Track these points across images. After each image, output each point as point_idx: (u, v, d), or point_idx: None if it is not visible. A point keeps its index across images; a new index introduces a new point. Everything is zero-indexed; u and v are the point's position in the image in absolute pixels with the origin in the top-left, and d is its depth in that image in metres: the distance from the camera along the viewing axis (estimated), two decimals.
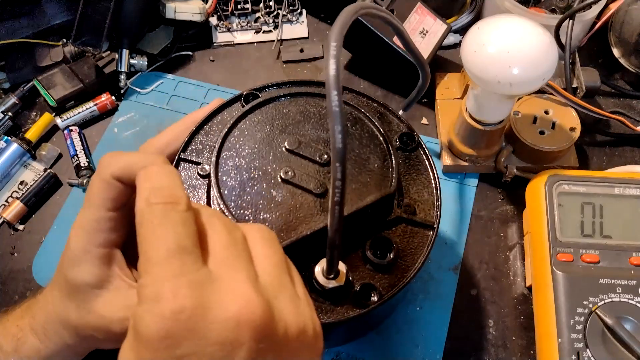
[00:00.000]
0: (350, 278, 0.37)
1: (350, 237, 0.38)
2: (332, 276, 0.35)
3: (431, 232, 0.39)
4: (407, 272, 0.37)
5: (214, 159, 0.39)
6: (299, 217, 0.37)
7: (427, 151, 0.42)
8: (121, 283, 0.34)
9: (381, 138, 0.40)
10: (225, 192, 0.38)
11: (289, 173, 0.38)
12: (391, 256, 0.38)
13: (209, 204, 0.40)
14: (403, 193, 0.41)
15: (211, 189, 0.38)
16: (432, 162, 0.42)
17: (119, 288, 0.34)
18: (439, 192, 0.40)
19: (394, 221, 0.39)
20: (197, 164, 0.42)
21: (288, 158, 0.39)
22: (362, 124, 0.41)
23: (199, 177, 0.41)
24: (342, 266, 0.36)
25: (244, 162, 0.39)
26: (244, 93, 0.45)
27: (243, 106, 0.42)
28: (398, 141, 0.43)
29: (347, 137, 0.28)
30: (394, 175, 0.38)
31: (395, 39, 0.55)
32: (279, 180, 0.38)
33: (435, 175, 0.41)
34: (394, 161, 0.39)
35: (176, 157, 0.42)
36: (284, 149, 0.39)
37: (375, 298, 0.36)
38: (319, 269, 0.35)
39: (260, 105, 0.42)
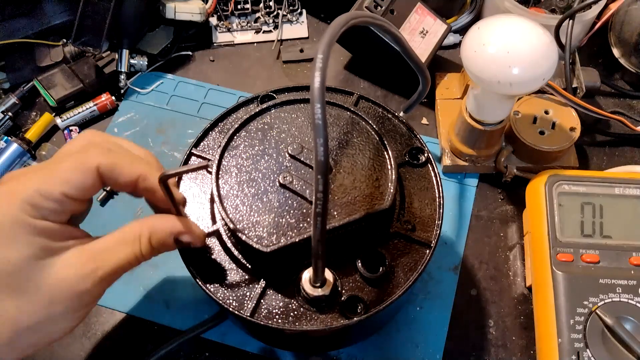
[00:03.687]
0: (339, 288, 0.37)
1: (344, 247, 0.38)
2: (318, 284, 0.35)
3: (428, 251, 0.39)
4: (398, 287, 0.37)
5: (217, 156, 0.39)
6: (291, 223, 0.37)
7: (436, 169, 0.42)
8: (72, 243, 0.32)
9: (385, 151, 0.40)
10: (224, 191, 0.38)
11: (288, 178, 0.38)
12: (382, 271, 0.37)
13: (212, 200, 0.40)
14: (405, 208, 0.41)
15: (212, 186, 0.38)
16: (439, 180, 0.41)
17: (72, 246, 0.32)
18: (441, 211, 0.40)
19: (391, 235, 0.39)
20: (207, 160, 0.43)
21: (289, 163, 0.39)
22: (367, 135, 0.41)
23: (206, 172, 0.42)
24: (329, 275, 0.36)
25: (246, 163, 0.39)
26: (261, 94, 0.45)
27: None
28: (407, 155, 0.43)
29: (328, 150, 0.28)
30: (390, 191, 0.38)
31: None
32: (277, 184, 0.38)
33: (441, 193, 0.41)
34: (393, 177, 0.38)
35: (187, 152, 0.43)
36: (286, 154, 0.39)
37: (361, 311, 0.36)
38: (307, 276, 0.35)
39: (270, 108, 0.42)
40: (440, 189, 0.41)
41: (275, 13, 0.64)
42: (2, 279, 0.30)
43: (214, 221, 0.40)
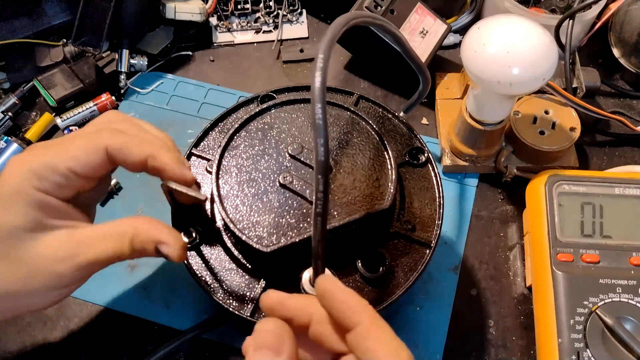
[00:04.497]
0: None
1: (344, 247, 0.38)
2: None
3: (428, 251, 0.39)
4: (398, 287, 0.37)
5: (217, 156, 0.39)
6: (291, 223, 0.37)
7: (436, 169, 0.42)
8: (65, 223, 0.33)
9: (385, 151, 0.40)
10: (224, 191, 0.38)
11: (288, 178, 0.38)
12: (382, 271, 0.37)
13: (212, 200, 0.40)
14: (405, 208, 0.41)
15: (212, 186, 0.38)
16: (439, 180, 0.41)
17: (63, 227, 0.33)
18: (441, 211, 0.40)
19: (391, 235, 0.39)
20: (207, 159, 0.43)
21: (290, 163, 0.39)
22: (367, 135, 0.41)
23: (206, 172, 0.42)
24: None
25: (246, 163, 0.39)
26: (261, 94, 0.45)
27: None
28: (407, 155, 0.43)
29: (329, 150, 0.28)
30: (390, 191, 0.38)
31: None
32: (277, 184, 0.38)
33: (441, 193, 0.41)
34: (393, 177, 0.39)
35: (187, 151, 0.43)
36: (287, 154, 0.39)
37: None
38: (307, 276, 0.35)
39: (270, 108, 0.42)
40: (440, 189, 0.41)
41: (275, 13, 0.64)
42: None
43: (214, 221, 0.40)
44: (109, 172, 0.35)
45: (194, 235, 0.39)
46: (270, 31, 0.64)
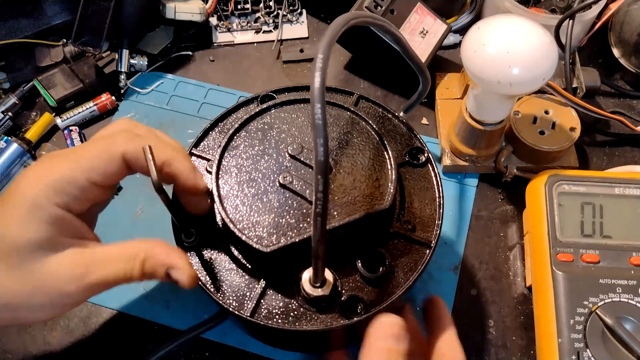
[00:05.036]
0: (339, 288, 0.37)
1: (344, 247, 0.38)
2: (318, 285, 0.35)
3: (428, 251, 0.39)
4: (398, 288, 0.37)
5: (217, 156, 0.39)
6: (291, 223, 0.37)
7: (436, 169, 0.42)
8: (76, 242, 0.33)
9: (385, 151, 0.40)
10: (224, 191, 0.38)
11: (287, 178, 0.38)
12: (382, 271, 0.37)
13: (212, 200, 0.40)
14: (405, 208, 0.41)
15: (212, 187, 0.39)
16: (439, 180, 0.41)
17: (74, 246, 0.33)
18: (441, 211, 0.40)
19: (391, 235, 0.39)
20: (207, 160, 0.43)
21: (289, 163, 0.39)
22: (367, 135, 0.41)
23: (206, 172, 0.42)
24: (329, 275, 0.36)
25: (246, 163, 0.39)
26: (261, 94, 0.45)
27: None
28: (407, 155, 0.43)
29: (329, 150, 0.28)
30: (390, 191, 0.38)
31: None
32: (277, 184, 0.38)
33: (441, 193, 0.41)
34: (393, 177, 0.38)
35: (187, 152, 0.43)
36: (286, 154, 0.39)
37: (361, 311, 0.36)
38: (307, 276, 0.35)
39: (270, 108, 0.42)
40: (440, 189, 0.41)
41: (275, 13, 0.64)
42: (2, 251, 0.31)
43: (214, 221, 0.40)
44: (124, 177, 0.35)
45: (193, 235, 0.39)
46: (270, 31, 0.64)
